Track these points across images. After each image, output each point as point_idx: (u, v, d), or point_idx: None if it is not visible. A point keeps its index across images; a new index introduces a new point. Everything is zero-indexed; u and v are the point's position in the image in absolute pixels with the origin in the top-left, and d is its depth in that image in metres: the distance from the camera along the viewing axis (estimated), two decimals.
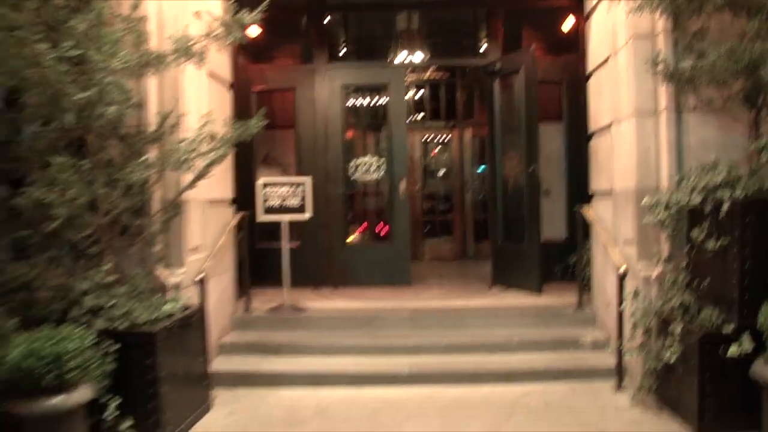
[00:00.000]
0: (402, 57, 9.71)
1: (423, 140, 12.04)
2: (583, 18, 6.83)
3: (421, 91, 11.86)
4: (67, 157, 3.96)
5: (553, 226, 8.15)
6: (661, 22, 4.89)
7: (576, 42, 7.83)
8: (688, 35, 4.70)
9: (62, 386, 3.51)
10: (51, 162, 4.06)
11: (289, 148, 8.88)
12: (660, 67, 4.68)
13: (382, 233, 9.01)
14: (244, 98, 8.02)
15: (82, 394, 3.64)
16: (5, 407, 3.49)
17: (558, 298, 6.81)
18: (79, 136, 4.27)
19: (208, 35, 4.68)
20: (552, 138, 8.38)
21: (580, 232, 6.57)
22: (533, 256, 7.26)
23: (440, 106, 11.87)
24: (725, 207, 4.10)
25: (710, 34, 4.57)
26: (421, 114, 11.95)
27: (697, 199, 4.32)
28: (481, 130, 10.30)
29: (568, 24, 8.38)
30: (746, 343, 3.91)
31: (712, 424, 4.18)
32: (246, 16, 4.67)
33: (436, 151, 12.27)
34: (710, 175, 4.33)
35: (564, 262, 7.47)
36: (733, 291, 4.14)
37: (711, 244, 4.27)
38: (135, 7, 4.35)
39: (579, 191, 7.09)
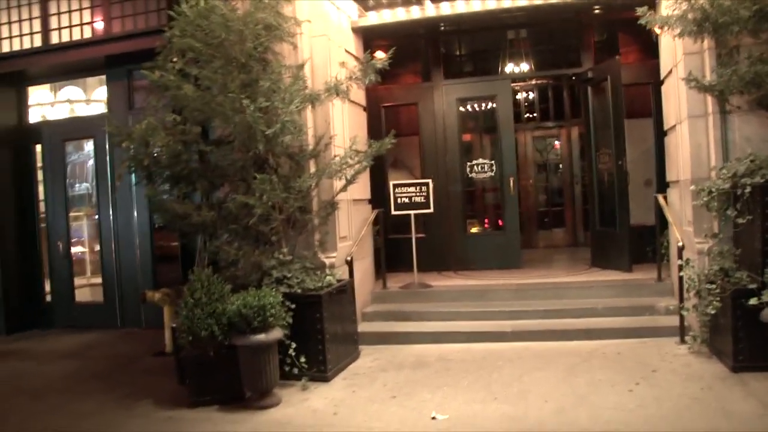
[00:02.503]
0: (509, 68, 11.00)
1: (534, 139, 13.28)
2: None
3: (532, 94, 13.08)
4: (260, 173, 5.77)
5: (650, 212, 9.17)
6: (706, 42, 6.01)
7: None
8: (727, 51, 5.81)
9: (264, 327, 5.28)
10: (246, 177, 5.93)
11: (414, 152, 10.50)
12: (693, 83, 5.83)
13: (500, 223, 10.37)
14: (375, 114, 9.71)
15: (276, 334, 5.41)
16: (229, 340, 5.33)
17: (644, 275, 7.97)
18: (263, 158, 6.07)
19: (350, 78, 6.36)
20: (650, 132, 9.41)
21: (659, 216, 7.67)
22: (623, 239, 8.45)
23: (549, 107, 13.03)
24: (747, 190, 5.26)
25: (742, 50, 5.66)
26: (533, 115, 13.15)
27: (726, 185, 5.48)
28: None
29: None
30: (765, 296, 5.03)
31: (745, 363, 5.33)
32: (378, 62, 6.29)
33: (549, 148, 13.43)
34: (738, 165, 5.47)
35: (653, 244, 8.55)
36: (758, 256, 5.29)
37: (741, 220, 5.43)
38: (301, 66, 6.14)
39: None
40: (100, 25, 8.90)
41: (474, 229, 10.75)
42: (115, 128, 6.05)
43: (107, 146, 9.13)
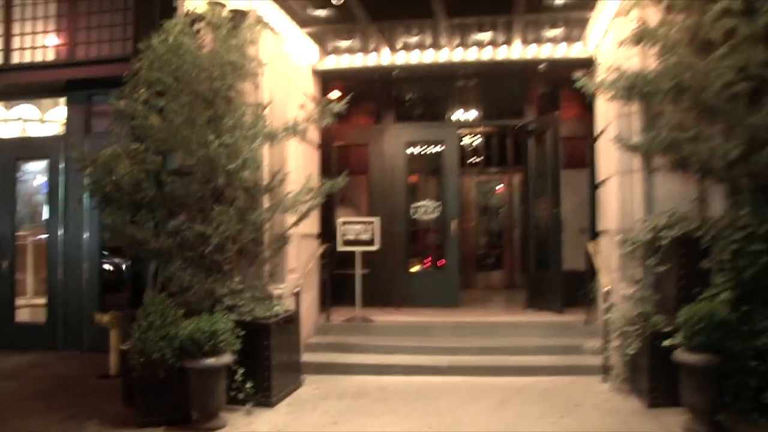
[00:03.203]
0: (457, 116, 11.54)
1: (478, 183, 13.86)
2: None
3: (477, 140, 13.67)
4: (217, 205, 6.05)
5: (582, 258, 9.75)
6: (635, 106, 6.61)
7: None
8: (652, 116, 6.41)
9: (215, 352, 5.52)
10: (204, 207, 6.20)
11: (363, 191, 10.87)
12: (622, 143, 6.42)
13: (439, 264, 10.80)
14: (327, 152, 10.08)
15: (226, 358, 5.64)
16: (181, 363, 5.53)
17: (575, 317, 8.46)
18: (221, 190, 6.34)
19: (307, 120, 6.74)
20: (586, 183, 10.01)
21: (590, 262, 8.20)
22: (556, 283, 8.98)
23: (493, 153, 13.65)
24: (666, 242, 5.82)
25: (665, 116, 6.25)
26: (477, 160, 13.73)
27: (648, 236, 6.04)
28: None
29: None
30: (677, 339, 5.52)
31: (659, 400, 5.82)
32: (335, 107, 6.68)
33: (491, 192, 14.02)
34: (659, 219, 6.04)
35: (585, 288, 9.10)
36: (673, 302, 5.81)
37: (660, 269, 5.98)
38: (264, 108, 6.49)
39: None
40: (63, 49, 9.08)
41: (416, 268, 11.12)
42: (80, 154, 6.25)
43: (62, 168, 9.20)
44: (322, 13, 7.55)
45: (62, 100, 9.56)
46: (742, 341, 5.17)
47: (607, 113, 7.38)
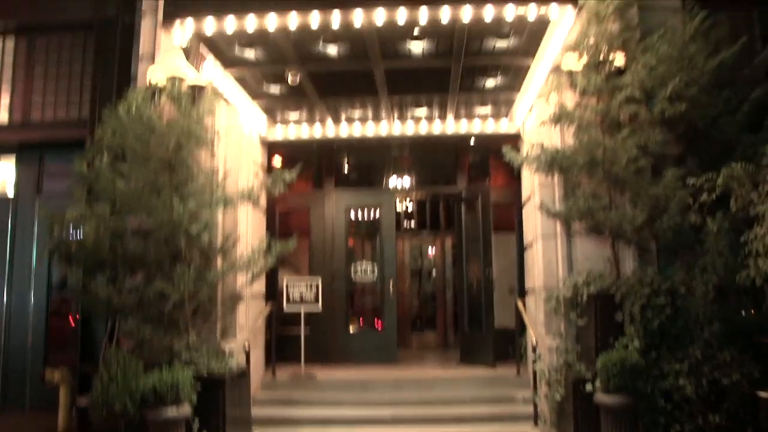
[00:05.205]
0: (393, 182, 12.28)
1: (412, 246, 14.55)
2: None
3: (412, 205, 14.42)
4: (175, 264, 6.47)
5: (513, 316, 10.43)
6: (556, 177, 7.44)
7: None
8: (570, 186, 7.25)
9: (176, 402, 5.85)
10: (163, 266, 6.60)
11: (303, 252, 11.33)
12: (545, 210, 7.24)
13: (377, 322, 11.31)
14: (271, 216, 10.54)
15: (186, 409, 5.98)
16: (142, 414, 5.82)
17: (506, 370, 9.10)
18: (179, 251, 6.75)
19: (261, 187, 7.28)
20: (514, 245, 10.77)
21: (519, 319, 8.89)
22: (488, 339, 9.63)
23: (427, 218, 14.40)
24: (584, 298, 6.57)
25: (582, 186, 7.10)
26: (412, 224, 14.44)
27: (569, 293, 6.79)
28: None
29: None
30: (597, 383, 6.20)
31: None
32: (287, 175, 7.26)
33: (424, 255, 14.73)
34: (578, 277, 6.81)
35: (515, 344, 9.77)
36: (592, 351, 6.51)
37: (580, 322, 6.70)
38: (224, 176, 7.02)
39: None
40: (18, 111, 9.37)
41: (355, 327, 11.56)
42: (49, 216, 6.57)
43: (9, 227, 9.34)
44: (275, 89, 8.19)
45: (12, 160, 9.71)
46: (651, 383, 5.95)
47: (532, 182, 8.20)
